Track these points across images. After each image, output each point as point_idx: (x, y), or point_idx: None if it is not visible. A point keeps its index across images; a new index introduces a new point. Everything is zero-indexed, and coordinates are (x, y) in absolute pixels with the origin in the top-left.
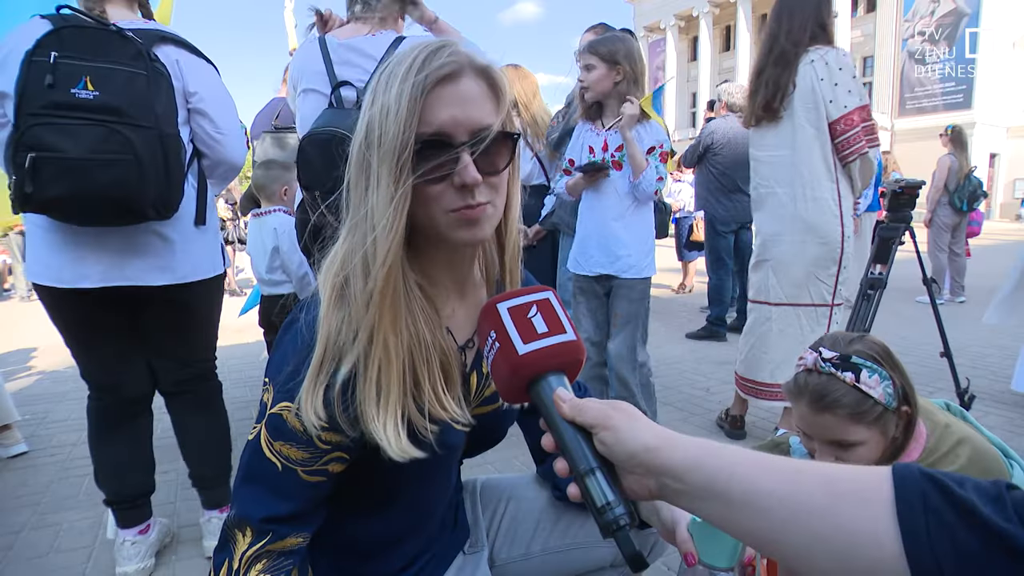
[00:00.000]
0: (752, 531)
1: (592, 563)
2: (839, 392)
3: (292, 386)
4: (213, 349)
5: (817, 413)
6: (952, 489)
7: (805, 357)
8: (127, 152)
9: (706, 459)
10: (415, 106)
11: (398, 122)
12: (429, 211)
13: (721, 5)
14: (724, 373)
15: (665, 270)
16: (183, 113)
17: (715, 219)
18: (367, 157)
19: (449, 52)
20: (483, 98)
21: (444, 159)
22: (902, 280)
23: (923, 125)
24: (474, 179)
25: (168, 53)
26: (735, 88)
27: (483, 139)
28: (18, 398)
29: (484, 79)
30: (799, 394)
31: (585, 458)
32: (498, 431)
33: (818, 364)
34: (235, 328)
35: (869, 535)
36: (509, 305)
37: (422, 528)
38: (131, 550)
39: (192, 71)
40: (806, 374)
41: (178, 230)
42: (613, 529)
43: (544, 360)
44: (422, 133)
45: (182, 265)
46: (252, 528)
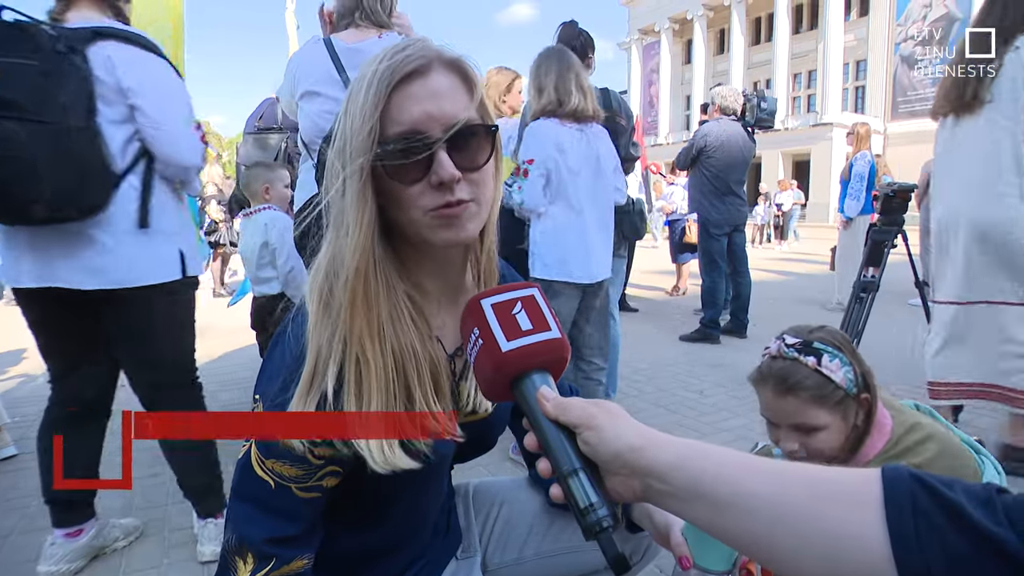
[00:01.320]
0: (738, 533)
1: (586, 567)
2: (801, 375)
3: (282, 401)
4: (185, 359)
5: (780, 397)
6: (942, 492)
7: (769, 345)
8: (12, 148)
9: (691, 460)
10: (379, 101)
11: (363, 118)
12: (409, 214)
13: (715, 8)
14: (718, 376)
15: (658, 272)
16: (121, 109)
17: (708, 222)
18: (338, 162)
19: (416, 47)
20: (455, 91)
21: (419, 157)
22: (895, 283)
23: (915, 128)
24: (451, 175)
25: (101, 50)
26: (728, 91)
27: (459, 133)
28: (7, 400)
29: (455, 72)
30: (763, 380)
31: (568, 458)
32: (488, 439)
33: (781, 350)
34: (227, 330)
35: (857, 538)
36: (493, 301)
37: (415, 536)
38: (49, 551)
39: (128, 65)
40: (770, 360)
41: (110, 232)
42: (596, 531)
43: (528, 358)
44: (395, 133)
45: (114, 269)
46: (252, 553)
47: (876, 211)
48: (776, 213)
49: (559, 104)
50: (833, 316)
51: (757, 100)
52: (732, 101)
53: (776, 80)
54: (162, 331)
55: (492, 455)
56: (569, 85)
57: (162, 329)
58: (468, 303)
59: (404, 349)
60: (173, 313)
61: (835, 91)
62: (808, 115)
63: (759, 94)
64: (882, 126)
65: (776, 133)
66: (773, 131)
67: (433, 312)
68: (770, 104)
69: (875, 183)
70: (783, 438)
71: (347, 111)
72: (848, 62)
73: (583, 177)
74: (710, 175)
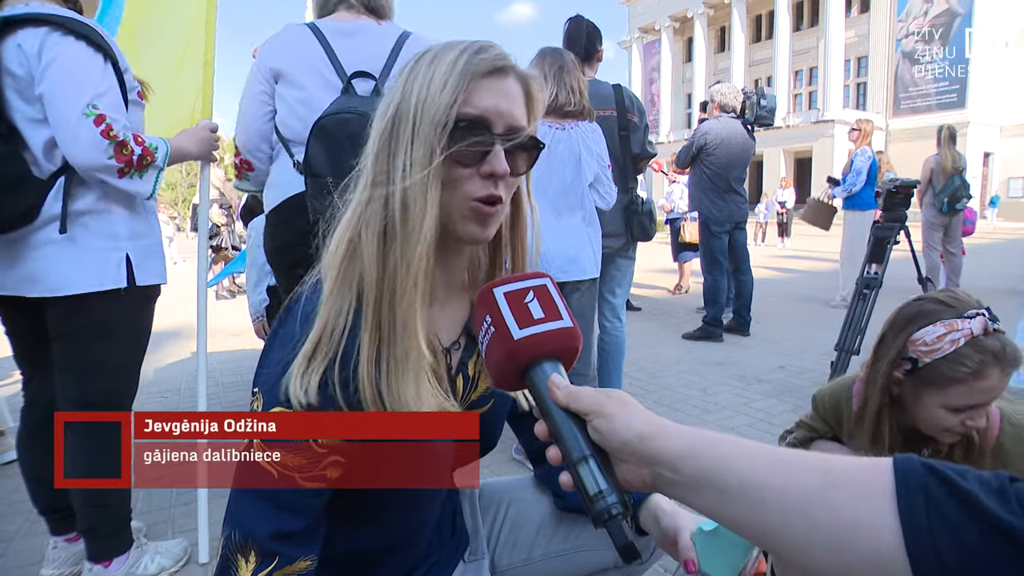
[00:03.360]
0: (748, 523)
1: (595, 565)
2: (1012, 342)
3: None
4: (119, 379)
5: (1007, 376)
6: (955, 481)
7: (959, 327)
8: None
9: (701, 448)
10: (464, 83)
11: (444, 93)
12: (451, 195)
13: (716, 6)
14: (721, 374)
15: (661, 271)
16: (40, 106)
17: (710, 219)
18: (399, 128)
19: (498, 50)
20: (522, 101)
21: (480, 142)
22: (898, 279)
23: (917, 125)
24: (504, 169)
25: (13, 40)
26: (727, 89)
27: (517, 136)
28: (11, 405)
29: (524, 86)
30: (991, 363)
31: (578, 446)
32: (486, 436)
33: (988, 326)
34: (231, 332)
35: (868, 527)
36: (506, 290)
37: (415, 538)
38: (52, 554)
39: (37, 53)
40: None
41: (42, 239)
42: (605, 518)
43: (539, 346)
44: (466, 112)
45: (46, 277)
46: (256, 550)
47: (879, 207)
48: (780, 211)
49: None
50: (836, 313)
51: (757, 97)
52: (732, 99)
53: (777, 77)
54: (92, 345)
55: (495, 456)
56: (554, 83)
57: (92, 342)
58: (480, 292)
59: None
60: (111, 325)
61: (836, 88)
62: (809, 112)
63: (759, 91)
64: (884, 122)
65: (777, 131)
66: (774, 129)
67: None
68: (770, 101)
69: (877, 179)
70: (979, 420)
71: (420, 80)
72: (849, 59)
73: (559, 175)
74: (710, 173)
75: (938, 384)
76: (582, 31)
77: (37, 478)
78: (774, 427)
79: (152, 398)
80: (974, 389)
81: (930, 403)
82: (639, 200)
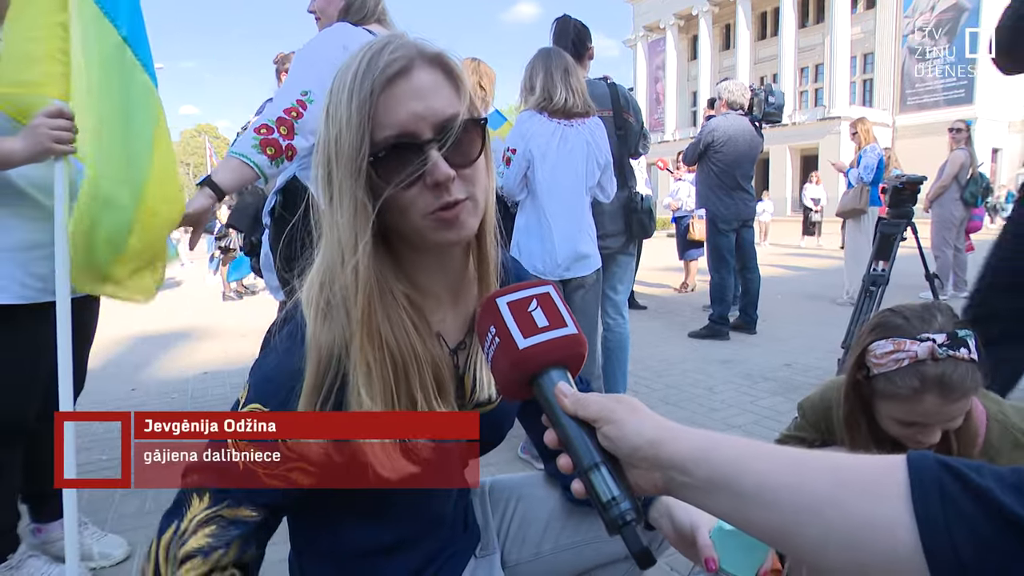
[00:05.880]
0: (762, 524)
1: (606, 556)
2: (966, 375)
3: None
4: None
5: (951, 403)
6: (970, 477)
7: (906, 348)
8: None
9: (713, 451)
10: (366, 110)
11: (350, 130)
12: (407, 218)
13: (721, 4)
14: (727, 372)
15: (666, 269)
16: None
17: (716, 217)
18: (328, 172)
19: (394, 47)
20: (441, 87)
21: (412, 160)
22: (904, 276)
23: (924, 121)
24: (446, 175)
25: None
26: (735, 86)
27: (450, 131)
28: None
29: (438, 67)
30: (928, 390)
31: (589, 453)
32: (495, 433)
33: (936, 352)
34: (239, 333)
35: (883, 526)
36: (509, 300)
37: (431, 532)
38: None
39: None
40: (927, 364)
41: None
42: (619, 525)
43: (545, 354)
44: (384, 138)
45: None
46: (210, 493)
47: (885, 204)
48: (815, 208)
49: (549, 100)
50: (843, 311)
51: (764, 94)
52: (739, 96)
53: (783, 75)
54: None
55: (501, 455)
56: (556, 83)
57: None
58: (484, 302)
59: (404, 353)
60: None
61: (842, 85)
62: (816, 109)
63: (767, 88)
64: (890, 118)
65: (783, 128)
66: (780, 126)
67: (433, 308)
68: (778, 98)
69: (883, 176)
70: (928, 436)
71: (331, 118)
72: (855, 55)
73: (561, 171)
74: (717, 170)
75: (882, 397)
76: (569, 30)
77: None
78: (780, 425)
79: (158, 399)
80: (912, 411)
81: (882, 412)
82: (638, 197)
